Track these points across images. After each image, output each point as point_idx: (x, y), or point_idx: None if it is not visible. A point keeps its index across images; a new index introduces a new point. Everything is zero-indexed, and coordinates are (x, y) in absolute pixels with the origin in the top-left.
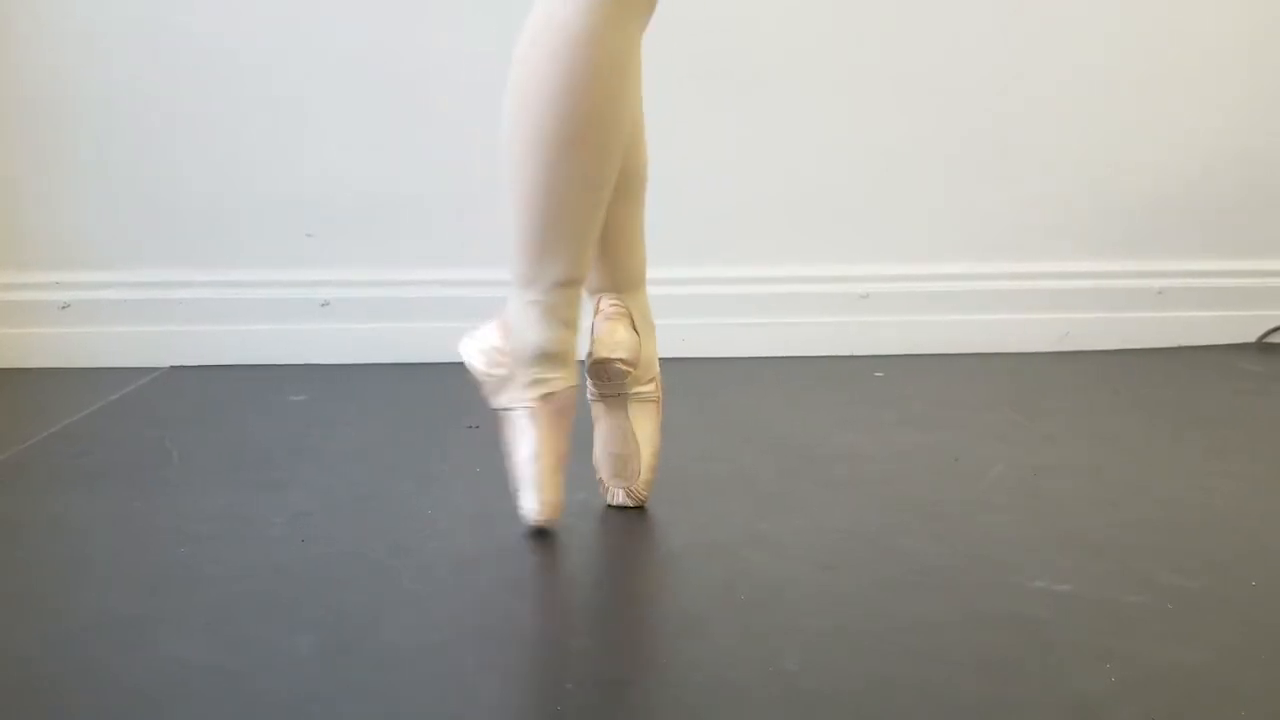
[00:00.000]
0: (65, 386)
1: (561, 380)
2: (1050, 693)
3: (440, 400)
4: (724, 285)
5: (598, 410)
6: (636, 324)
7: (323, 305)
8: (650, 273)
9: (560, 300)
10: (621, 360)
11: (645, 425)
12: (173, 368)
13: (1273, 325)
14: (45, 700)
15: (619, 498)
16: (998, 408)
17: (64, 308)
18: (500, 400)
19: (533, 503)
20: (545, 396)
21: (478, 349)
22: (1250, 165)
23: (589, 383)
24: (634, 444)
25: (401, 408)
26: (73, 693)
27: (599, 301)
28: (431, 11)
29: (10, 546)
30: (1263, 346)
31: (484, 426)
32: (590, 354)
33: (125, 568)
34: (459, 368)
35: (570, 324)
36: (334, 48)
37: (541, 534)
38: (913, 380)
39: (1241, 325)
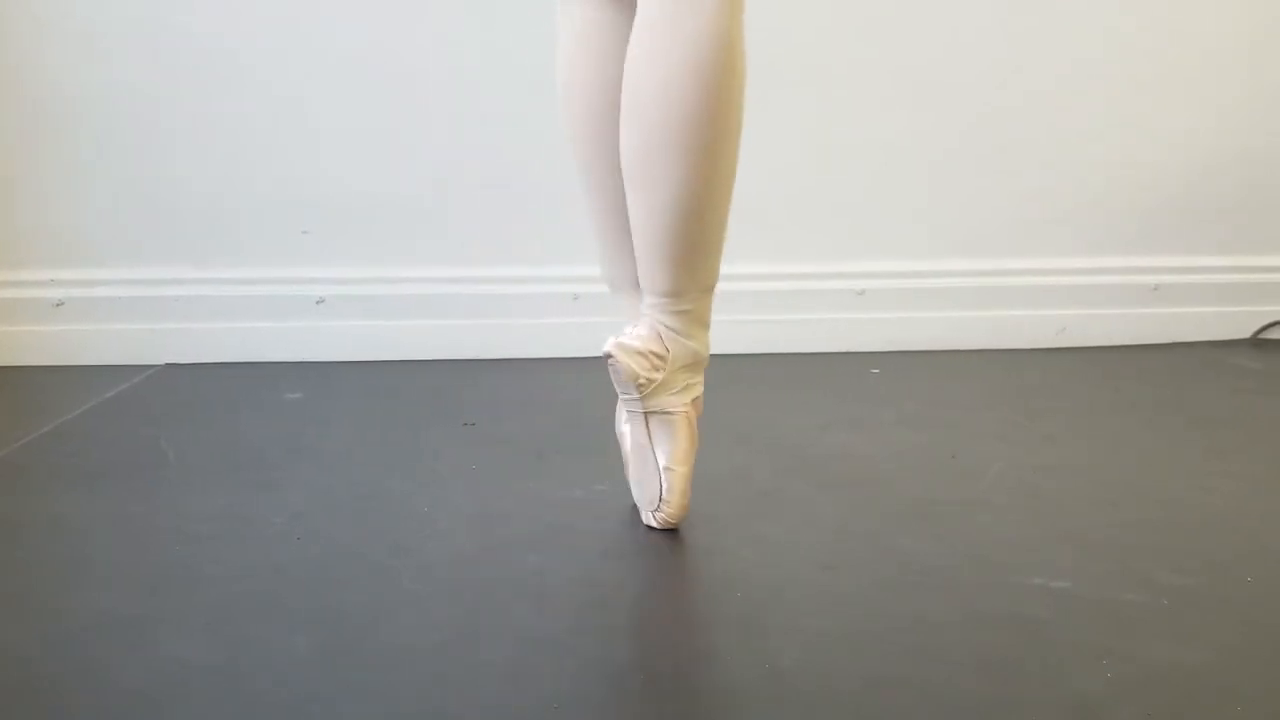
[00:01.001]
0: (59, 384)
1: (702, 382)
2: (1049, 692)
3: (437, 398)
4: (719, 282)
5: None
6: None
7: (318, 303)
8: None
9: (709, 304)
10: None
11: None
12: (168, 365)
13: (1268, 321)
14: (44, 700)
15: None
16: (994, 405)
17: (58, 305)
18: (652, 404)
19: (676, 506)
20: (695, 400)
21: (635, 352)
22: (1246, 163)
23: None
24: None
25: (398, 406)
26: (71, 693)
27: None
28: (429, 11)
29: (6, 546)
30: (1258, 342)
31: (480, 425)
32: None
33: (123, 567)
34: (455, 365)
35: (709, 324)
36: (331, 46)
37: (541, 532)
38: (909, 377)
39: (1237, 321)
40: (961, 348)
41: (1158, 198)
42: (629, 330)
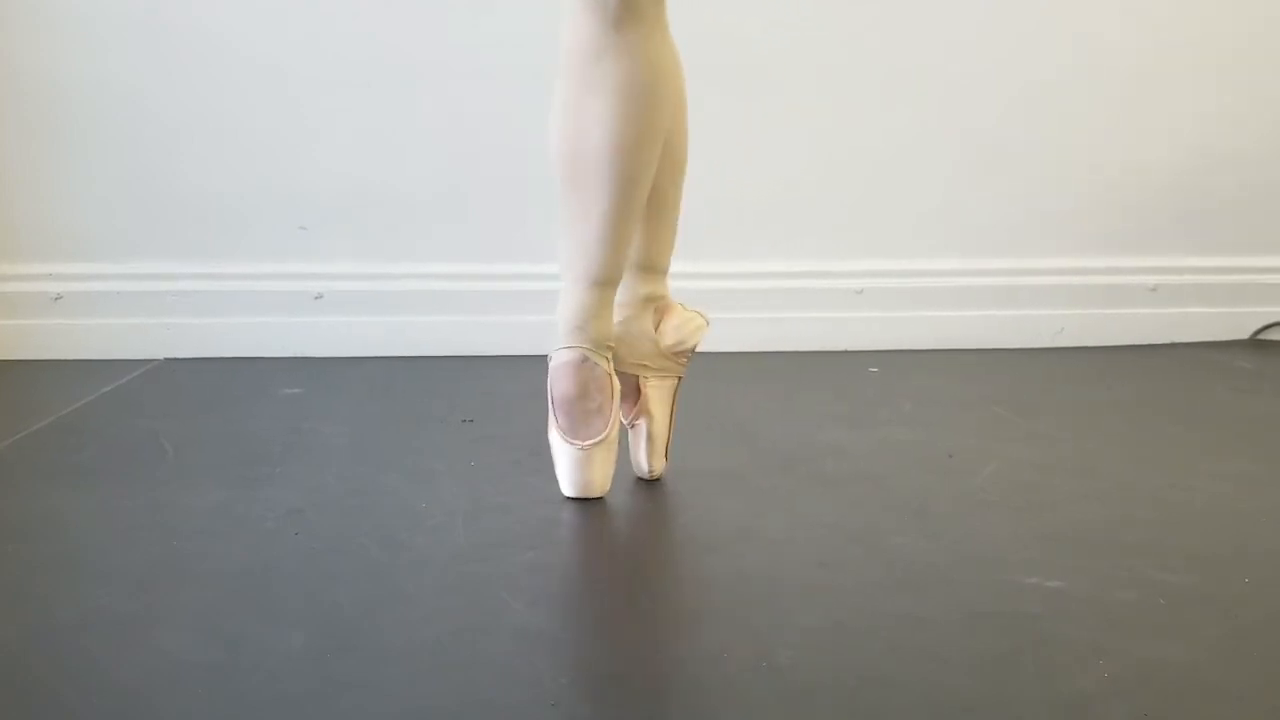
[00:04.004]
0: (58, 379)
1: None
2: (1042, 689)
3: (434, 394)
4: (718, 280)
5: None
6: None
7: (316, 298)
8: None
9: None
10: None
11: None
12: (166, 360)
13: (1266, 321)
14: (34, 697)
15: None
16: (991, 404)
17: (57, 299)
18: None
19: None
20: None
21: None
22: (1243, 163)
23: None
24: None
25: (395, 402)
26: (63, 690)
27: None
28: (427, 6)
29: (1, 541)
30: (1256, 343)
31: (477, 421)
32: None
33: (118, 563)
34: (453, 361)
35: None
36: (329, 41)
37: (538, 528)
38: (907, 376)
39: (1235, 321)
40: (959, 347)
41: (1156, 198)
42: (681, 310)
